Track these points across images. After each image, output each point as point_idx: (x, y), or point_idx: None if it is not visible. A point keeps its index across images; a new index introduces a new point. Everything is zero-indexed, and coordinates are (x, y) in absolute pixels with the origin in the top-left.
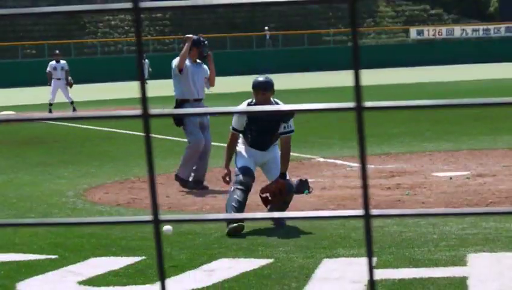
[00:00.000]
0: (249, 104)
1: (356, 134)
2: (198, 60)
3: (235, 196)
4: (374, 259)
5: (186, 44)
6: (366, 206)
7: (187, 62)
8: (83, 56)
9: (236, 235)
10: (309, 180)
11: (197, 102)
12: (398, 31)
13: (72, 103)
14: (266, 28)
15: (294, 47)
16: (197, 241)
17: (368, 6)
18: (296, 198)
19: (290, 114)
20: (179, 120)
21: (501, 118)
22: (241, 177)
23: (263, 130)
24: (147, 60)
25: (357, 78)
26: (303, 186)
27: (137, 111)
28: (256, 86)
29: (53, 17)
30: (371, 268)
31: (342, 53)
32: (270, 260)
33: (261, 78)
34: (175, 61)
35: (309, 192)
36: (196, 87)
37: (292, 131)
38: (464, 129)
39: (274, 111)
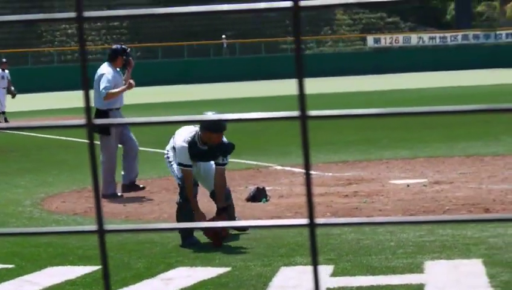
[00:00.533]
0: (190, 144)
1: (316, 142)
2: (118, 68)
3: (184, 211)
4: (331, 267)
5: (123, 88)
6: (310, 215)
7: (113, 72)
8: (40, 65)
9: (194, 245)
10: (266, 188)
11: (118, 110)
12: (355, 39)
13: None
14: (223, 36)
15: (251, 55)
16: (154, 250)
17: (325, 14)
18: (254, 206)
19: (230, 150)
20: (107, 129)
21: (457, 125)
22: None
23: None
24: None
25: (300, 86)
26: (260, 195)
27: (82, 121)
28: (217, 129)
29: (9, 26)
30: (316, 276)
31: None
32: (228, 269)
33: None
34: (104, 85)
35: (267, 200)
36: (122, 96)
37: (226, 164)
38: (420, 137)
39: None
